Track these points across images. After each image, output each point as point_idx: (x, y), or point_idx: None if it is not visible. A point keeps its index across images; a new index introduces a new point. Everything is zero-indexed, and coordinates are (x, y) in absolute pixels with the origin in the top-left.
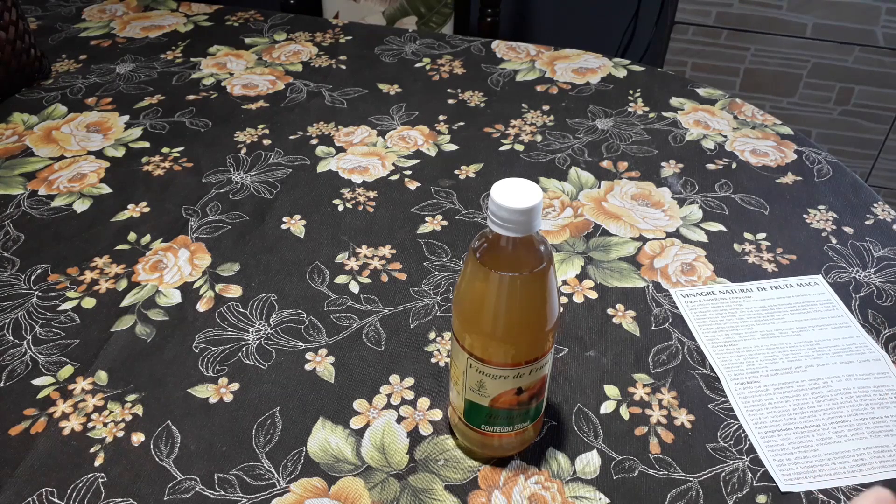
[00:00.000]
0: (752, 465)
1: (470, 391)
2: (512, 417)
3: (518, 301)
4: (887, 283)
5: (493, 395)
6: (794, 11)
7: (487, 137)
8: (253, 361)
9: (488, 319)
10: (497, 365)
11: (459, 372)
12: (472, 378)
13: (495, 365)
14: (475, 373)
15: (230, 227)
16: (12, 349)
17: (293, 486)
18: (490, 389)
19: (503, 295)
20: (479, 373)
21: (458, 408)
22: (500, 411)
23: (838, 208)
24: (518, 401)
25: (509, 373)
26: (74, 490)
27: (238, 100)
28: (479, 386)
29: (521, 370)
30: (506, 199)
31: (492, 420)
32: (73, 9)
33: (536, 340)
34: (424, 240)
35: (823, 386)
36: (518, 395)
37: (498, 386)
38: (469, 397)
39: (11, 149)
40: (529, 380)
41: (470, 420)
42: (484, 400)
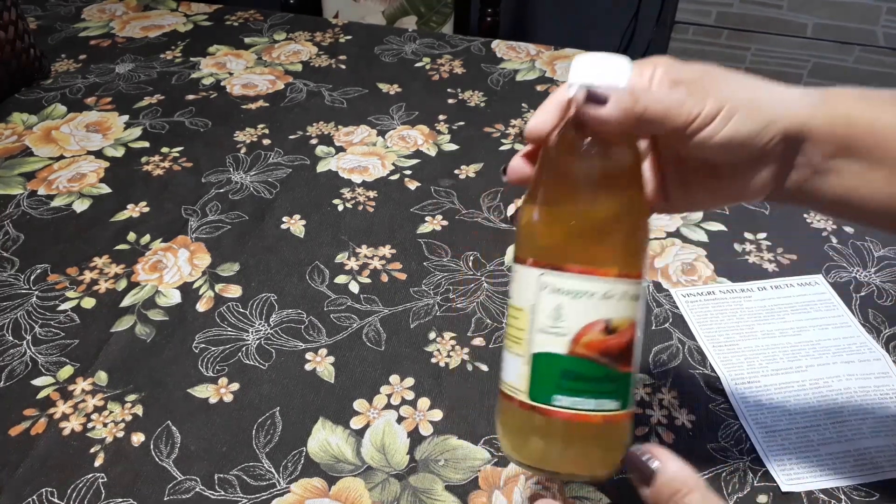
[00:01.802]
0: (752, 464)
1: (541, 334)
2: (598, 381)
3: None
4: (888, 282)
5: (573, 331)
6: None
7: (487, 137)
8: (253, 361)
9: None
10: (581, 271)
11: (525, 318)
12: (546, 307)
13: (578, 271)
14: (550, 296)
15: (230, 227)
16: (12, 349)
17: (293, 487)
18: (570, 320)
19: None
20: (555, 293)
21: (517, 384)
22: (582, 363)
23: None
24: (606, 345)
25: (596, 286)
26: (74, 490)
27: (238, 100)
28: (556, 318)
29: (610, 286)
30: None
31: (569, 382)
32: (72, 8)
33: (632, 232)
34: (424, 240)
35: (824, 386)
36: (607, 334)
37: (581, 312)
38: (539, 347)
39: (11, 149)
40: (621, 311)
41: (537, 392)
42: (561, 343)
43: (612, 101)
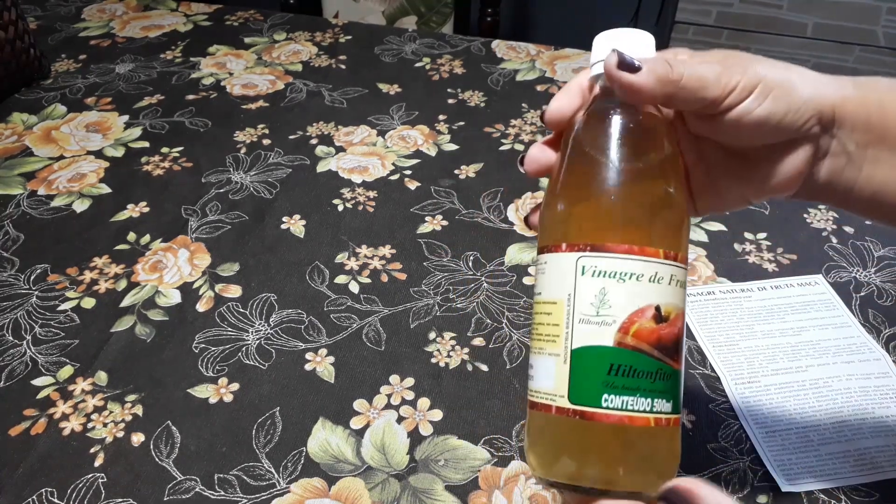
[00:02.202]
0: (752, 464)
1: (583, 326)
2: (650, 377)
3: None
4: (888, 282)
5: (621, 319)
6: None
7: (487, 137)
8: (253, 361)
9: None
10: (626, 250)
11: (560, 310)
12: (588, 293)
13: (623, 251)
14: (591, 280)
15: (230, 227)
16: (12, 349)
17: (293, 487)
18: (616, 306)
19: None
20: (597, 276)
21: (553, 388)
22: (633, 355)
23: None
24: (658, 335)
25: (644, 266)
26: (74, 490)
27: (238, 100)
28: (600, 304)
29: (658, 267)
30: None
31: (618, 378)
32: (72, 9)
33: (677, 208)
34: (424, 240)
35: (824, 386)
36: (658, 322)
37: (629, 296)
38: (581, 341)
39: (11, 149)
40: (670, 297)
41: (580, 393)
42: (607, 333)
43: (647, 69)
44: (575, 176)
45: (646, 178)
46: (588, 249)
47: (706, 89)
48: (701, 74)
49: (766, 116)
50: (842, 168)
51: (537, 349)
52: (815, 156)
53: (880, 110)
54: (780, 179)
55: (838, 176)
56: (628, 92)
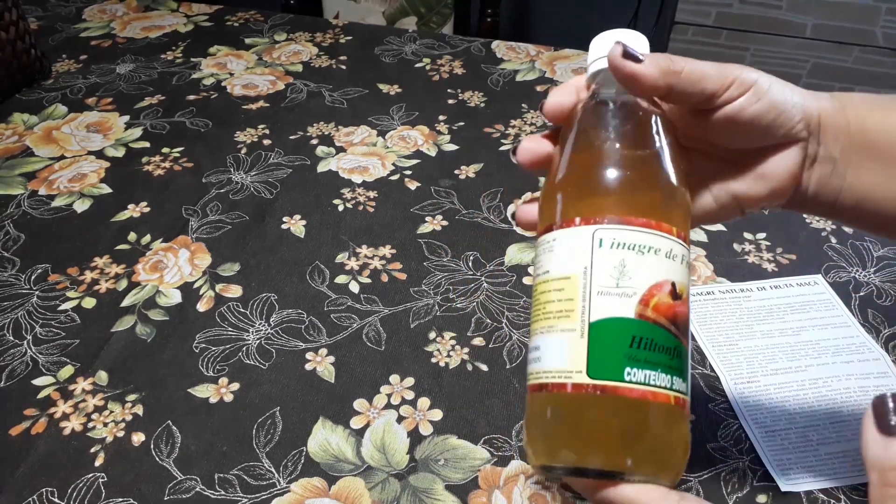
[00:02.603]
0: (752, 464)
1: (602, 298)
2: (669, 353)
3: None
4: (887, 282)
5: (642, 291)
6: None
7: (487, 137)
8: (253, 361)
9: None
10: (644, 224)
11: (576, 285)
12: (607, 264)
13: (642, 224)
14: (610, 252)
15: (230, 227)
16: (12, 349)
17: (293, 486)
18: (637, 277)
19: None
20: (617, 248)
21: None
22: (653, 329)
23: None
24: (675, 311)
25: (661, 242)
26: (75, 490)
27: (238, 100)
28: (620, 275)
29: (672, 244)
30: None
31: (640, 351)
32: (73, 9)
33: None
34: (424, 240)
35: (823, 385)
36: (674, 298)
37: (649, 269)
38: (601, 313)
39: (11, 149)
40: (682, 275)
41: (600, 367)
42: (628, 305)
43: (649, 59)
44: (583, 160)
45: (656, 161)
46: (605, 222)
47: (705, 81)
48: (701, 69)
49: (760, 113)
50: (828, 175)
51: (545, 328)
52: (804, 161)
53: (858, 119)
54: (773, 186)
55: (825, 183)
56: (631, 81)
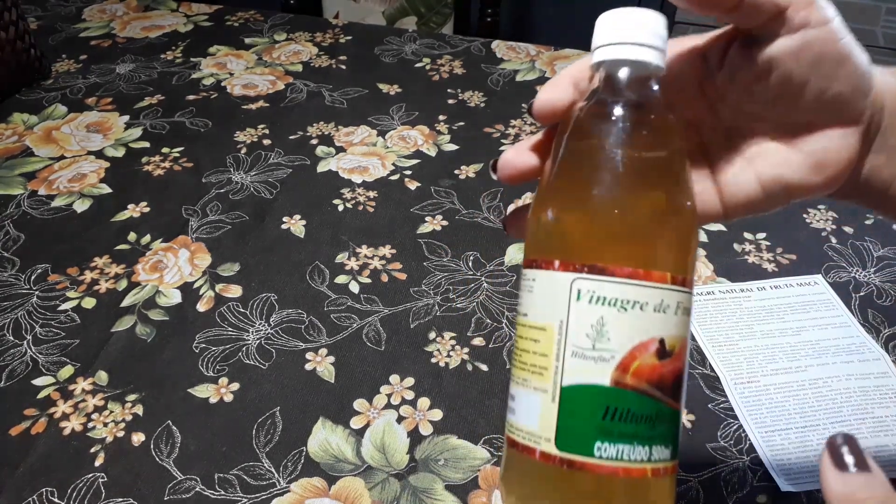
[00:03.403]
0: (752, 464)
1: (576, 360)
2: (649, 421)
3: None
4: (887, 282)
5: (621, 354)
6: None
7: (487, 137)
8: (253, 361)
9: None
10: (630, 274)
11: (550, 339)
12: (584, 322)
13: (627, 274)
14: (588, 307)
15: (230, 227)
16: (12, 349)
17: (293, 486)
18: (616, 339)
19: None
20: (596, 303)
21: (538, 430)
22: (632, 397)
23: (838, 207)
24: (660, 372)
25: (649, 294)
26: (75, 490)
27: (238, 100)
28: (597, 336)
29: (664, 295)
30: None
31: (615, 423)
32: (73, 9)
33: (688, 226)
34: (424, 240)
35: (823, 385)
36: (661, 358)
37: (629, 328)
38: (574, 378)
39: (11, 149)
40: (675, 328)
41: (569, 439)
42: (603, 371)
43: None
44: (571, 181)
45: (655, 187)
46: (585, 270)
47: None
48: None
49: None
50: (881, 165)
51: (520, 379)
52: (864, 144)
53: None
54: (830, 173)
55: (878, 173)
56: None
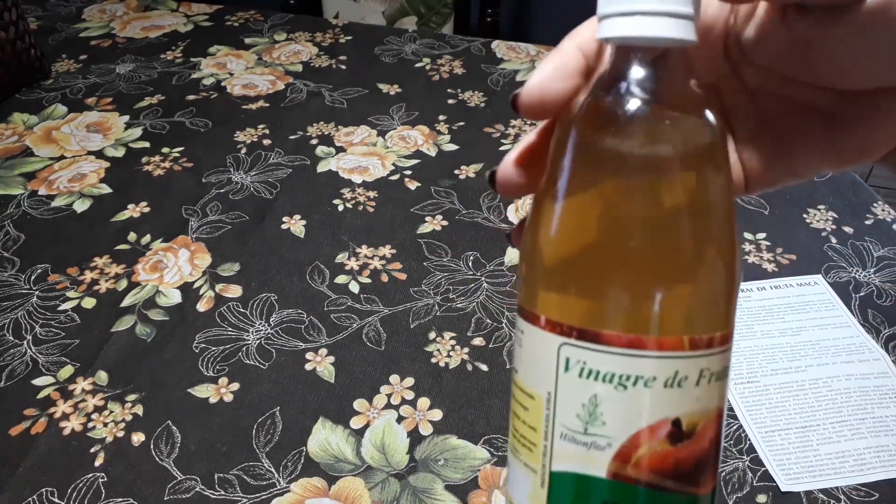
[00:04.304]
0: (752, 464)
1: (565, 444)
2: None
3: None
4: (887, 282)
5: (619, 441)
6: None
7: (487, 137)
8: (253, 361)
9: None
10: (630, 343)
11: (539, 410)
12: (573, 399)
13: (626, 343)
14: (579, 382)
15: (230, 227)
16: (12, 349)
17: (293, 486)
18: (613, 422)
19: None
20: (587, 377)
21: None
22: (634, 492)
23: (838, 208)
24: (675, 459)
25: (656, 367)
26: (75, 490)
27: (238, 100)
28: (590, 419)
29: (680, 365)
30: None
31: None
32: (73, 9)
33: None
34: (424, 240)
35: (823, 386)
36: (675, 442)
37: (630, 410)
38: (562, 464)
39: (11, 149)
40: (698, 402)
41: None
42: (598, 460)
43: None
44: (560, 209)
45: (679, 220)
46: (575, 335)
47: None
48: None
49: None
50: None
51: (512, 448)
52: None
53: None
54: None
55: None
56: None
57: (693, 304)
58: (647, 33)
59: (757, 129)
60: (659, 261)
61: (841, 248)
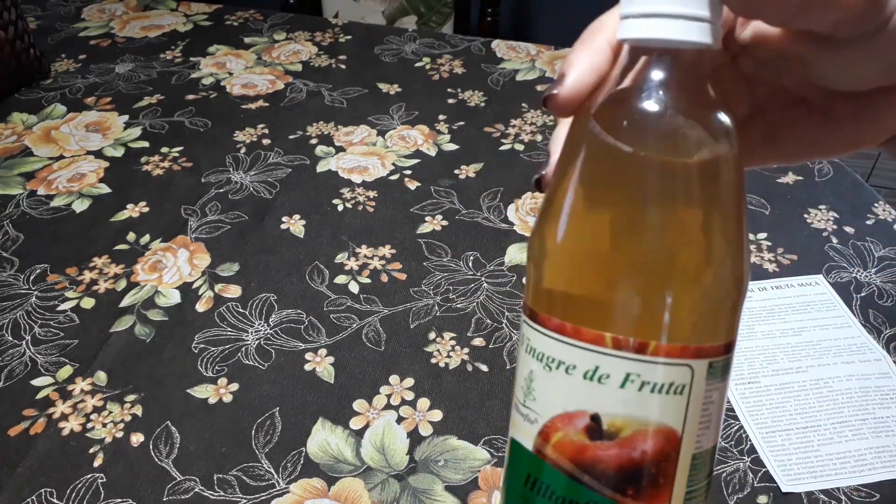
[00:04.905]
0: (753, 465)
1: (514, 411)
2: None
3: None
4: (888, 282)
5: (544, 418)
6: None
7: (487, 137)
8: (252, 362)
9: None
10: (556, 328)
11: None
12: (521, 372)
13: (553, 327)
14: (525, 358)
15: (230, 227)
16: (11, 349)
17: (293, 487)
18: (540, 399)
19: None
20: (529, 353)
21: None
22: (551, 473)
23: (839, 208)
24: (594, 455)
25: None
26: (74, 490)
27: (237, 99)
28: (527, 392)
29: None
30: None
31: (535, 496)
32: (72, 8)
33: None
34: (424, 240)
35: (824, 386)
36: (593, 438)
37: (553, 391)
38: (512, 429)
39: (10, 149)
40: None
41: (507, 496)
42: (528, 432)
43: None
44: (553, 190)
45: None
46: (527, 315)
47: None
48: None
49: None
50: None
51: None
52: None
53: None
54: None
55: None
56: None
57: (618, 302)
58: (662, 35)
59: (750, 116)
60: (594, 254)
61: (842, 249)
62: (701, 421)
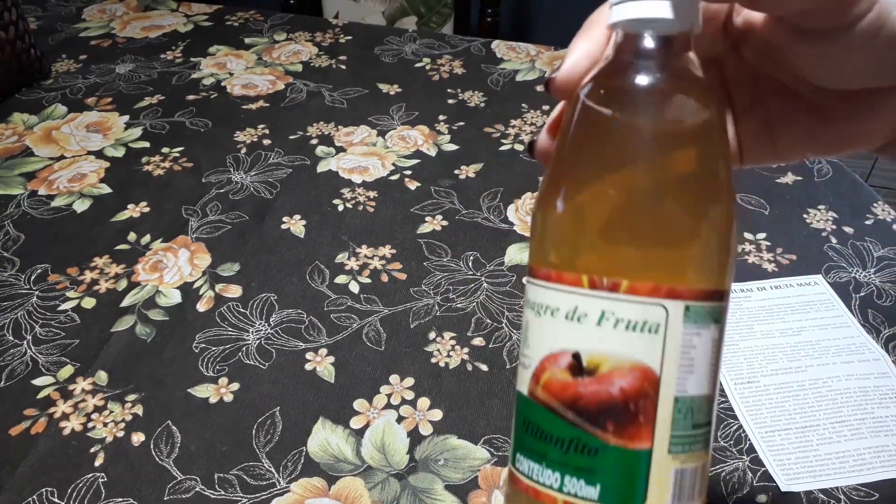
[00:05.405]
0: (752, 464)
1: (518, 363)
2: (562, 446)
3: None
4: (887, 282)
5: (535, 362)
6: None
7: (487, 137)
8: (253, 361)
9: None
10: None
11: None
12: (523, 325)
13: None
14: (525, 309)
15: (230, 227)
16: (12, 349)
17: (293, 486)
18: (533, 345)
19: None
20: (526, 304)
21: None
22: (540, 412)
23: (838, 208)
24: (575, 392)
25: (557, 299)
26: (74, 490)
27: (238, 100)
28: (524, 341)
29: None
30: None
31: (528, 437)
32: (73, 9)
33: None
34: (424, 240)
35: (823, 386)
36: (574, 375)
37: (542, 335)
38: (517, 381)
39: (11, 149)
40: (599, 343)
41: (513, 443)
42: (524, 378)
43: None
44: (551, 165)
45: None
46: (528, 273)
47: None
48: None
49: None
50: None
51: None
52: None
53: None
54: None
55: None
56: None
57: (591, 244)
58: (636, 16)
59: (750, 106)
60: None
61: (841, 248)
62: (682, 364)
